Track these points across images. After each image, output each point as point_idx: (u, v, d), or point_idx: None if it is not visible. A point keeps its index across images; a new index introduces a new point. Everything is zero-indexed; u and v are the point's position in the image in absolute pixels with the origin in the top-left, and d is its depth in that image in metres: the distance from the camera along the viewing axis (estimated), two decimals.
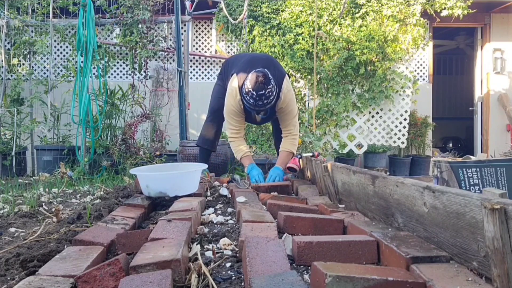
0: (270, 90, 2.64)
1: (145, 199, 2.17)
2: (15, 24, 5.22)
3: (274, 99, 2.72)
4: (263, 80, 2.62)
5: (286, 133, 3.05)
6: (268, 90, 2.62)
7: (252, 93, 2.63)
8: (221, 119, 3.29)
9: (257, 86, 2.61)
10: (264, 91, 2.61)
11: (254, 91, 2.62)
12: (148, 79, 5.47)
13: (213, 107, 3.28)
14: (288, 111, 2.98)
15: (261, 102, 2.65)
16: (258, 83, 2.62)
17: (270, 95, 2.65)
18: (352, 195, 1.96)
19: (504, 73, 6.85)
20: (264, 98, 2.64)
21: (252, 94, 2.63)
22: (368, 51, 5.65)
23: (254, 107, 2.70)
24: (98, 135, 4.66)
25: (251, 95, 2.64)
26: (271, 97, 2.67)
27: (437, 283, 0.94)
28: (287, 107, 2.95)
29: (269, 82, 2.64)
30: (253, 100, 2.66)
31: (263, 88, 2.61)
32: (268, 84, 2.63)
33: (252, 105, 2.69)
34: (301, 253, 1.25)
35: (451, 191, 1.14)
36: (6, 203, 2.45)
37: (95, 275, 1.06)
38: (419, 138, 6.53)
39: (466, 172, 2.36)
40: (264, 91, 2.62)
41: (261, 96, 2.63)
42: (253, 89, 2.63)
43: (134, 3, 5.24)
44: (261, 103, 2.66)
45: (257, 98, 2.64)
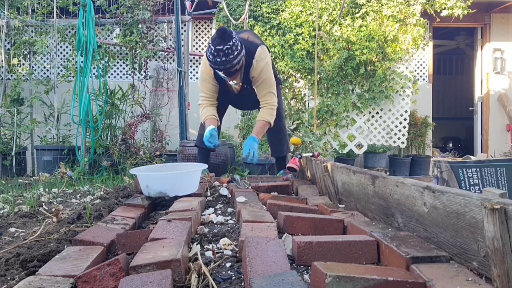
0: (230, 47, 2.60)
1: (145, 199, 2.17)
2: (15, 24, 5.22)
3: (234, 59, 2.65)
4: (222, 35, 2.59)
5: (264, 103, 2.99)
6: (226, 47, 2.59)
7: (211, 48, 2.63)
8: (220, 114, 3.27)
9: (216, 42, 2.60)
10: (222, 46, 2.59)
11: (213, 46, 2.61)
12: (148, 79, 5.48)
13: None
14: (262, 80, 2.92)
15: (219, 59, 2.61)
16: (217, 38, 2.61)
17: (230, 53, 2.61)
18: (352, 195, 1.96)
19: (504, 73, 6.85)
20: (223, 55, 2.60)
21: (211, 49, 2.62)
22: (368, 51, 5.65)
23: (215, 64, 2.68)
24: (98, 135, 4.66)
25: (210, 50, 2.64)
26: (231, 55, 2.62)
27: (437, 283, 0.94)
28: (260, 76, 2.90)
29: (228, 39, 2.60)
30: (212, 56, 2.63)
31: (221, 43, 2.59)
32: (228, 40, 2.60)
33: (212, 62, 2.67)
34: (301, 253, 1.25)
35: (451, 191, 1.14)
36: (6, 203, 2.45)
37: (95, 275, 1.06)
38: (419, 138, 6.54)
39: (466, 172, 2.36)
40: (222, 47, 2.58)
41: (219, 52, 2.60)
42: (212, 44, 2.62)
43: (134, 3, 5.24)
44: (219, 60, 2.62)
45: (215, 53, 2.61)
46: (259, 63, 2.87)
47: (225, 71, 2.72)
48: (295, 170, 3.12)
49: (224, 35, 2.61)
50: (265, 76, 2.92)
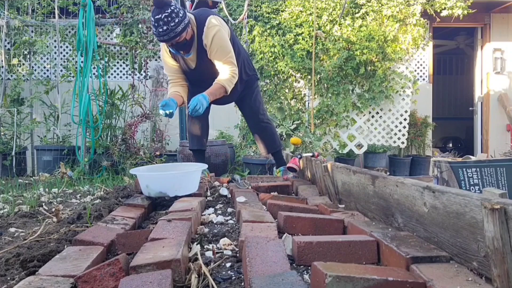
0: (168, 14, 2.53)
1: (145, 199, 2.17)
2: (15, 24, 5.22)
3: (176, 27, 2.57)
4: (158, 4, 2.54)
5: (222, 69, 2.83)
6: (165, 14, 2.52)
7: (151, 20, 2.58)
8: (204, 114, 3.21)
9: (154, 12, 2.55)
10: (160, 15, 2.52)
11: (152, 17, 2.57)
12: (148, 79, 5.48)
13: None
14: (217, 48, 2.77)
15: (161, 28, 2.54)
16: (154, 8, 2.56)
17: (170, 20, 2.54)
18: (352, 195, 1.96)
19: (504, 73, 6.85)
20: (163, 24, 2.53)
21: (152, 21, 2.58)
22: (368, 51, 5.65)
23: (159, 37, 2.61)
24: (98, 135, 4.66)
25: (152, 23, 2.59)
26: (172, 23, 2.54)
27: (437, 283, 0.94)
28: (214, 44, 2.76)
29: (166, 7, 2.53)
30: (154, 27, 2.58)
31: (159, 12, 2.53)
32: (165, 8, 2.53)
33: (156, 35, 2.61)
34: (301, 253, 1.25)
35: (451, 191, 1.14)
36: (6, 203, 2.45)
37: (95, 275, 1.06)
38: (419, 138, 6.53)
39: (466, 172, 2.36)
40: (161, 15, 2.52)
41: (158, 21, 2.54)
42: (152, 15, 2.57)
43: (134, 3, 5.24)
44: (161, 30, 2.55)
45: (155, 24, 2.55)
46: (211, 30, 2.75)
47: (171, 42, 2.64)
48: (295, 170, 3.12)
49: (160, 3, 2.54)
50: (219, 43, 2.77)
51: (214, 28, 2.76)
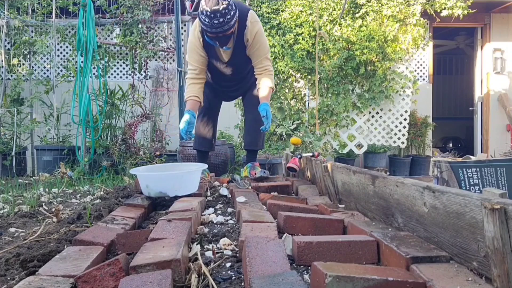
0: (226, 6, 2.50)
1: (145, 199, 2.17)
2: (15, 24, 5.22)
3: (231, 20, 2.56)
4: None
5: (262, 70, 2.89)
6: (223, 6, 2.49)
7: (206, 11, 2.51)
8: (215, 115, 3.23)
9: (211, 2, 2.50)
10: (218, 6, 2.48)
11: (208, 7, 2.50)
12: (148, 79, 5.48)
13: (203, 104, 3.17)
14: (259, 44, 2.82)
15: (217, 20, 2.50)
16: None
17: (227, 13, 2.51)
18: (352, 195, 1.96)
19: (504, 73, 6.85)
20: (220, 16, 2.49)
21: (207, 12, 2.51)
22: (368, 51, 5.65)
23: (211, 28, 2.55)
24: (98, 135, 4.66)
25: (206, 13, 2.52)
26: (228, 15, 2.52)
27: (437, 283, 0.94)
28: (256, 40, 2.80)
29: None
30: (208, 18, 2.51)
31: (218, 3, 2.48)
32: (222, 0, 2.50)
33: (208, 25, 2.54)
34: (301, 253, 1.25)
35: (451, 191, 1.14)
36: (6, 203, 2.45)
37: (95, 275, 1.06)
38: (419, 138, 6.53)
39: (466, 172, 2.36)
40: (219, 7, 2.48)
41: (216, 13, 2.49)
42: (207, 5, 2.51)
43: (134, 3, 5.24)
44: (216, 22, 2.51)
45: (211, 15, 2.50)
46: (254, 25, 2.76)
47: (222, 34, 2.59)
48: (295, 170, 3.11)
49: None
50: (262, 40, 2.83)
51: (257, 24, 2.78)
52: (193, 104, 2.88)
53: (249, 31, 2.77)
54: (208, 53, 2.90)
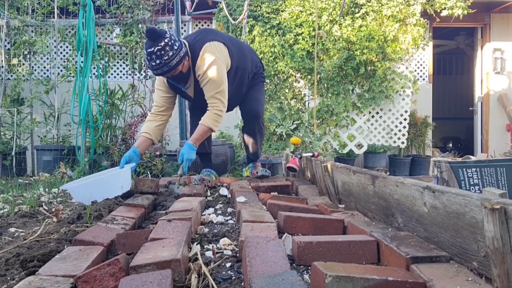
0: (162, 47, 2.42)
1: (145, 199, 2.17)
2: (15, 24, 5.22)
3: (172, 60, 2.46)
4: (151, 36, 2.44)
5: (209, 107, 2.67)
6: (157, 48, 2.41)
7: (145, 53, 2.52)
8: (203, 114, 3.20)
9: (146, 44, 2.46)
10: (153, 48, 2.42)
11: (145, 49, 2.48)
12: (148, 79, 5.47)
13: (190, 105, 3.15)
14: (207, 80, 2.62)
15: (154, 62, 2.45)
16: (147, 40, 2.47)
17: (163, 54, 2.42)
18: (352, 195, 1.96)
19: (504, 73, 6.85)
20: (156, 57, 2.43)
21: (145, 54, 2.49)
22: (368, 51, 5.65)
23: (152, 69, 2.51)
24: (98, 135, 4.66)
25: (145, 55, 2.51)
26: (165, 56, 2.43)
27: (437, 283, 0.94)
28: (205, 75, 2.61)
29: (159, 39, 2.43)
30: (148, 61, 2.48)
31: (152, 45, 2.43)
32: (159, 41, 2.42)
33: (150, 67, 2.52)
34: (301, 253, 1.25)
35: (451, 191, 1.14)
36: (6, 203, 2.45)
37: (95, 275, 1.06)
38: (419, 138, 6.53)
39: (466, 172, 2.36)
40: (153, 49, 2.42)
41: (151, 54, 2.44)
42: (144, 47, 2.49)
43: (134, 3, 5.24)
44: (154, 64, 2.46)
45: (148, 57, 2.46)
46: (203, 60, 2.60)
47: (168, 75, 2.55)
48: (294, 170, 3.11)
49: (153, 36, 2.43)
50: (210, 75, 2.60)
51: (208, 58, 2.60)
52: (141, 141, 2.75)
53: (198, 67, 2.63)
54: (175, 91, 2.83)
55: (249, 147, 3.20)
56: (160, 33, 2.45)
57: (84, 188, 2.29)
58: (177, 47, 2.51)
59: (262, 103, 3.21)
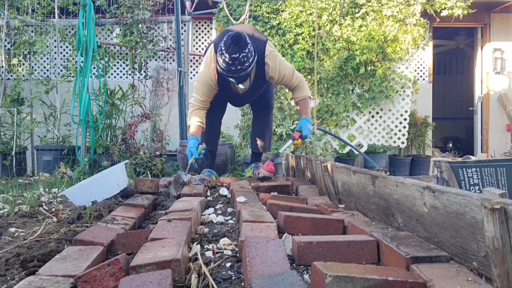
0: (246, 54, 2.44)
1: (145, 199, 2.17)
2: (15, 24, 5.22)
3: (249, 67, 2.51)
4: (238, 42, 2.42)
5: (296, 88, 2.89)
6: (243, 54, 2.43)
7: (225, 56, 2.44)
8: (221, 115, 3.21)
9: (231, 49, 2.42)
10: (238, 54, 2.42)
11: (228, 53, 2.43)
12: (148, 79, 5.48)
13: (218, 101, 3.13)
14: (285, 75, 2.79)
15: (235, 67, 2.46)
16: (232, 45, 2.43)
17: (246, 60, 2.45)
18: (352, 195, 1.96)
19: (504, 73, 6.85)
20: (238, 63, 2.44)
21: (225, 58, 2.45)
22: (368, 51, 5.65)
23: (228, 73, 2.51)
24: (98, 135, 4.66)
25: (224, 58, 2.45)
26: (246, 63, 2.46)
27: (437, 283, 0.94)
28: (280, 74, 2.76)
29: (244, 46, 2.44)
30: (226, 64, 2.46)
31: (237, 51, 2.42)
32: (244, 47, 2.43)
33: (225, 70, 2.51)
34: (301, 253, 1.25)
35: (451, 191, 1.14)
36: (6, 203, 2.45)
37: (95, 275, 1.06)
38: (419, 138, 6.54)
39: (466, 172, 2.36)
40: (239, 55, 2.42)
41: (235, 60, 2.43)
42: (226, 51, 2.44)
43: (134, 3, 5.24)
44: (234, 69, 2.46)
45: (230, 62, 2.44)
46: (274, 61, 2.72)
47: (238, 79, 2.57)
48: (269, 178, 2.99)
49: (239, 42, 2.43)
50: (285, 71, 2.79)
51: (275, 58, 2.73)
52: (198, 129, 2.84)
53: (272, 70, 2.73)
54: (220, 86, 2.83)
55: (257, 139, 3.23)
56: (245, 40, 2.46)
57: (81, 191, 2.29)
58: (254, 53, 2.54)
59: (273, 94, 3.29)
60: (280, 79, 2.81)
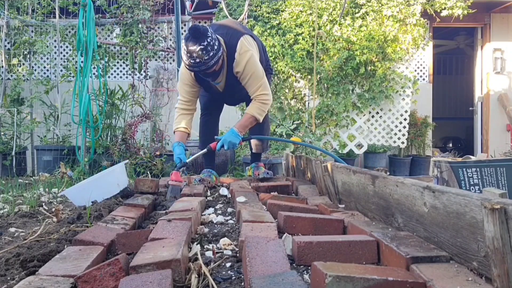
0: (204, 47, 2.39)
1: (145, 199, 2.17)
2: (15, 24, 5.22)
3: (210, 60, 2.45)
4: (195, 34, 2.40)
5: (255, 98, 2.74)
6: (200, 47, 2.38)
7: (184, 49, 2.43)
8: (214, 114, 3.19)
9: (188, 42, 2.41)
10: (195, 46, 2.38)
11: (185, 46, 2.42)
12: (148, 79, 5.47)
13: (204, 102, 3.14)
14: (250, 75, 2.67)
15: (193, 60, 2.42)
16: (190, 37, 2.41)
17: (204, 53, 2.40)
18: (352, 195, 1.96)
19: (504, 73, 6.85)
20: (196, 56, 2.40)
21: (185, 51, 2.43)
22: (368, 51, 5.65)
23: (190, 67, 2.49)
24: (98, 135, 4.66)
25: (184, 52, 2.44)
26: (205, 56, 2.41)
27: (437, 283, 0.94)
28: (246, 71, 2.66)
29: (202, 38, 2.40)
30: (186, 57, 2.44)
31: (195, 44, 2.38)
32: (201, 40, 2.39)
33: (187, 64, 2.48)
34: (301, 253, 1.25)
35: (451, 191, 1.14)
36: (6, 203, 2.45)
37: (95, 275, 1.06)
38: (419, 138, 6.54)
39: (466, 172, 2.36)
40: (196, 47, 2.38)
41: (192, 53, 2.40)
42: (185, 44, 2.42)
43: (134, 3, 5.24)
44: (193, 62, 2.43)
45: (188, 54, 2.42)
46: (242, 56, 2.63)
47: (203, 72, 2.54)
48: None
49: (197, 34, 2.41)
50: (252, 70, 2.67)
51: (246, 54, 2.65)
52: (182, 136, 2.81)
53: (237, 64, 2.66)
54: (201, 84, 2.83)
55: (256, 141, 3.21)
56: (203, 32, 2.43)
57: (81, 191, 2.29)
58: (217, 47, 2.49)
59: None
60: (244, 76, 2.69)
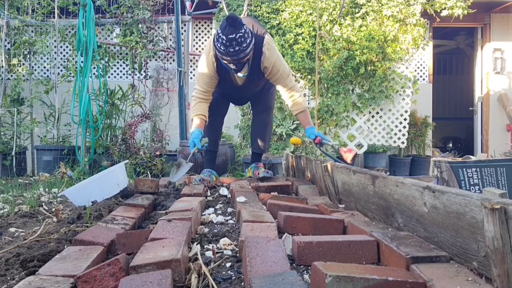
0: (242, 35, 2.46)
1: (145, 199, 2.17)
2: (15, 24, 5.22)
3: (247, 48, 2.53)
4: (233, 23, 2.45)
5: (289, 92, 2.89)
6: (239, 35, 2.45)
7: (222, 38, 2.47)
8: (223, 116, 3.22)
9: (227, 30, 2.45)
10: (234, 34, 2.44)
11: (224, 35, 2.45)
12: (148, 79, 5.48)
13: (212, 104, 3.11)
14: (280, 71, 2.81)
15: (232, 48, 2.47)
16: (227, 26, 2.46)
17: (242, 41, 2.47)
18: (352, 195, 1.96)
19: (504, 73, 6.85)
20: (236, 44, 2.45)
21: (222, 39, 2.47)
22: (368, 51, 5.65)
23: (226, 55, 2.52)
24: (98, 135, 4.66)
25: (221, 41, 2.48)
26: (244, 44, 2.48)
27: (437, 283, 0.94)
28: (275, 67, 2.78)
29: (240, 26, 2.46)
30: (224, 46, 2.48)
31: (234, 32, 2.44)
32: (239, 28, 2.46)
33: (223, 53, 2.51)
34: (301, 253, 1.25)
35: (451, 191, 1.14)
36: (6, 203, 2.45)
37: (95, 275, 1.06)
38: (419, 138, 6.53)
39: (466, 172, 2.36)
40: (235, 35, 2.44)
41: (232, 41, 2.45)
42: (223, 33, 2.47)
43: (134, 3, 5.24)
44: (232, 50, 2.48)
45: (227, 43, 2.46)
46: (271, 52, 2.74)
47: (237, 61, 2.57)
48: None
49: (235, 23, 2.47)
50: (281, 64, 2.81)
51: (274, 51, 2.76)
52: (201, 123, 2.86)
53: (267, 59, 2.74)
54: (220, 76, 2.86)
55: (257, 140, 3.23)
56: (240, 21, 2.49)
57: (81, 191, 2.28)
58: (251, 35, 2.56)
59: (274, 95, 3.29)
60: (274, 72, 2.81)
